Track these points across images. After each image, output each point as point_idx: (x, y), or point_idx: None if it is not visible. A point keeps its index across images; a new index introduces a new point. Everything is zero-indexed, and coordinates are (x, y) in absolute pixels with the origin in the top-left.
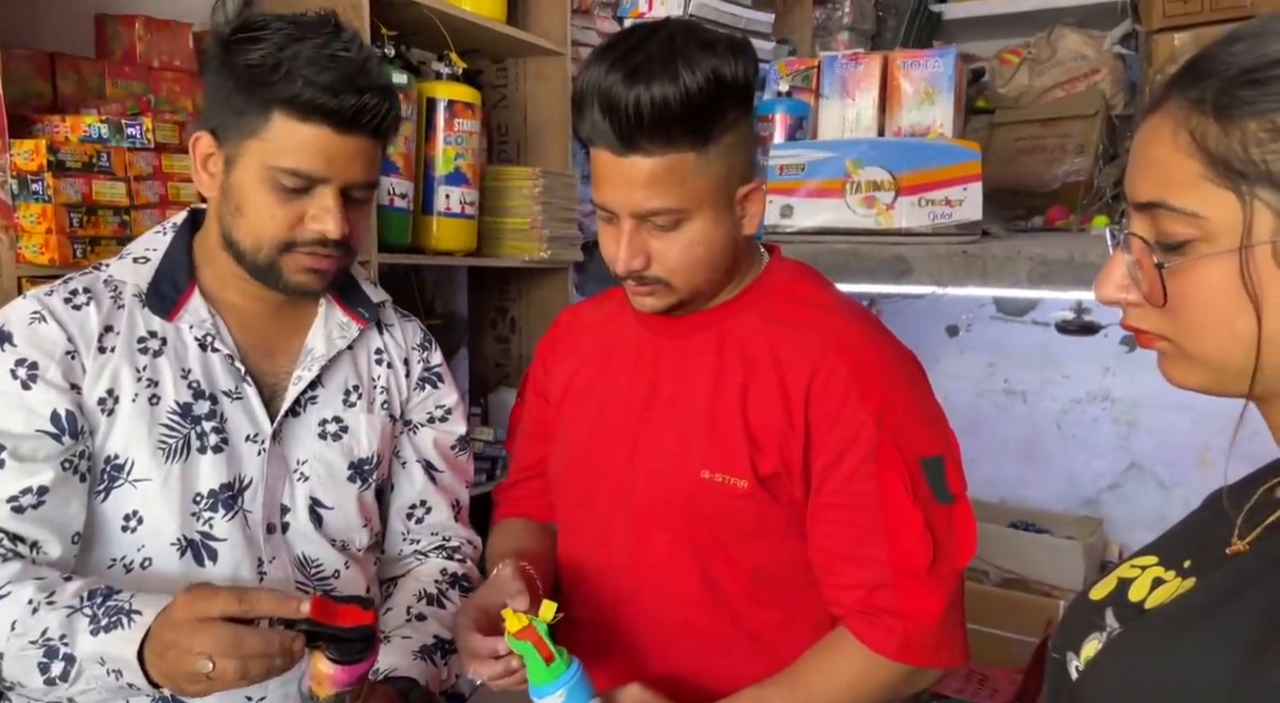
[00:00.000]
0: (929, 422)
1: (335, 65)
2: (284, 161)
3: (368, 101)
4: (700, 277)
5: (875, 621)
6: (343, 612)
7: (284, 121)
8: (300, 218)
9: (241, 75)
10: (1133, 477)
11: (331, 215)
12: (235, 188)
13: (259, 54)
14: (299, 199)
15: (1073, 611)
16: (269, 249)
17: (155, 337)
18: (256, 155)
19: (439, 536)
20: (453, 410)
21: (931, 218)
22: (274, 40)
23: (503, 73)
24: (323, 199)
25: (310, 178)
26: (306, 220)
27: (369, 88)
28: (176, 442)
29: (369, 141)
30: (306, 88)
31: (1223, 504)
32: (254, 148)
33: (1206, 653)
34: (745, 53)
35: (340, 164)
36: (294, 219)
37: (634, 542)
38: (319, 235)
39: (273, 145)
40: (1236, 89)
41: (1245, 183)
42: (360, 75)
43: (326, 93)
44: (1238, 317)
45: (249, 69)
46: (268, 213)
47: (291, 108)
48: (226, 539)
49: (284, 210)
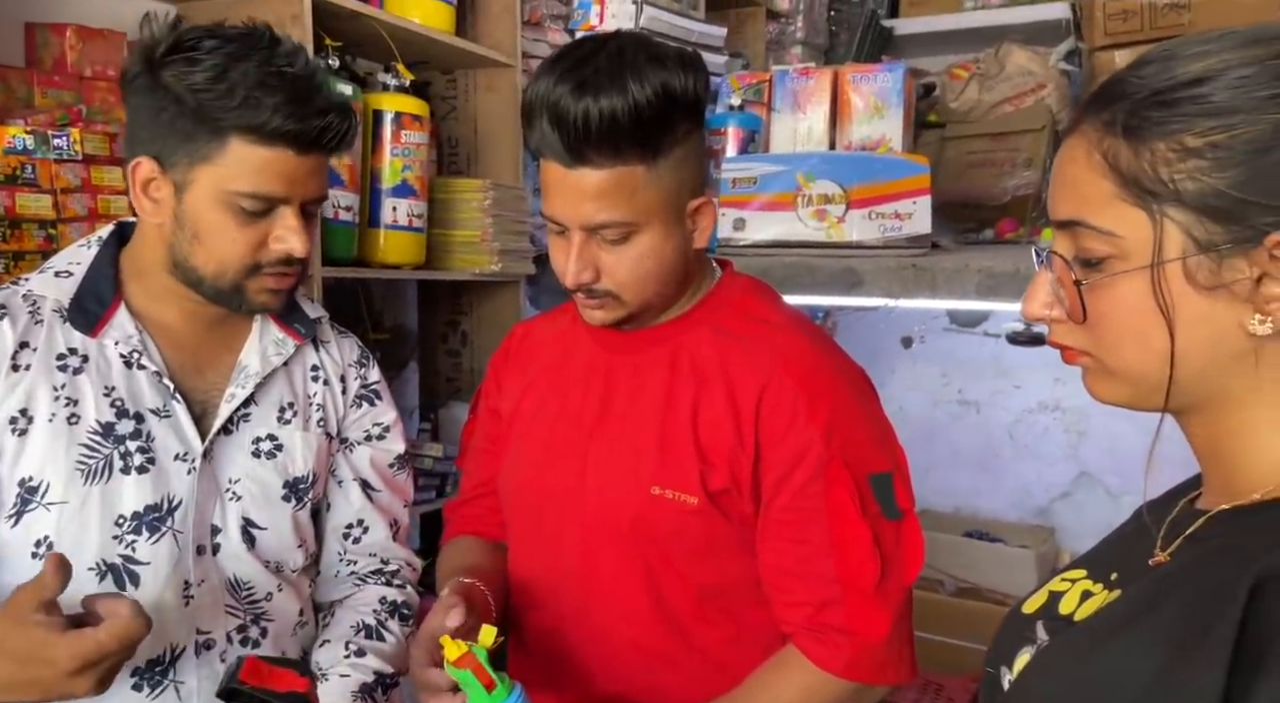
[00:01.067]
0: (877, 438)
1: (286, 84)
2: (243, 186)
3: (331, 121)
4: (650, 290)
5: (823, 638)
6: (277, 675)
7: (242, 146)
8: (263, 239)
9: (186, 99)
10: (1083, 485)
11: (296, 233)
12: (190, 215)
13: (202, 77)
14: (260, 221)
15: (1006, 624)
16: (234, 273)
17: (76, 354)
18: (212, 181)
19: (377, 556)
20: (390, 428)
21: (882, 231)
22: (214, 61)
23: (452, 84)
24: (285, 219)
25: (271, 199)
26: (270, 241)
27: (329, 107)
28: (97, 462)
29: (325, 159)
30: (268, 113)
31: (1145, 520)
32: (208, 173)
33: (1127, 661)
34: (695, 66)
35: (300, 183)
36: (257, 241)
37: (584, 559)
38: (285, 255)
39: (229, 170)
40: (1146, 111)
41: (1156, 202)
42: (316, 93)
43: (291, 118)
44: (1152, 332)
45: (195, 93)
46: (229, 238)
47: (252, 133)
48: (150, 563)
49: (245, 234)
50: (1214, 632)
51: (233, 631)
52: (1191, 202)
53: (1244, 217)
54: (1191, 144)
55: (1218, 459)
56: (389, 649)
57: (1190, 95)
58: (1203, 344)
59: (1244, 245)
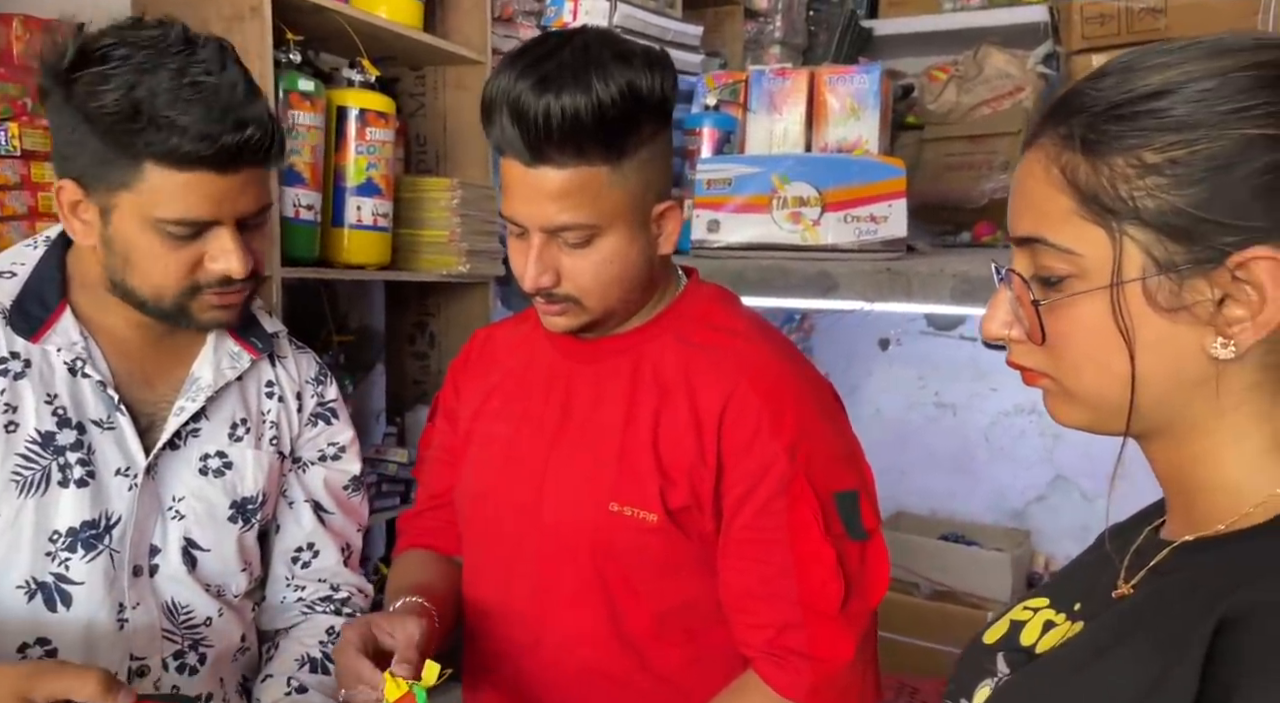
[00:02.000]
0: (844, 455)
1: (201, 98)
2: (166, 213)
3: (251, 136)
4: (613, 296)
5: (784, 664)
6: None
7: (158, 172)
8: (198, 260)
9: (97, 121)
10: (1058, 489)
11: (232, 255)
12: (118, 240)
13: (111, 97)
14: (192, 243)
15: (966, 655)
16: (173, 297)
17: (17, 358)
18: (133, 208)
19: (326, 582)
20: (346, 449)
21: (857, 234)
22: (122, 77)
23: (421, 81)
24: (219, 240)
25: (198, 223)
26: (206, 262)
27: (248, 121)
28: (34, 474)
29: (257, 171)
30: (178, 137)
31: (1108, 551)
32: (129, 200)
33: (1089, 700)
34: (663, 65)
35: (228, 202)
36: (191, 263)
37: (539, 577)
38: (222, 276)
39: (149, 197)
40: (1104, 125)
41: (1115, 219)
42: (235, 107)
43: (204, 141)
44: (1112, 355)
45: (104, 116)
46: (160, 263)
47: (165, 160)
48: (84, 582)
49: (178, 257)
50: (1178, 672)
51: (169, 657)
52: (1151, 220)
53: (1205, 236)
54: (1151, 160)
55: (1181, 487)
56: (334, 683)
57: (1149, 109)
58: (1164, 368)
59: (1205, 266)
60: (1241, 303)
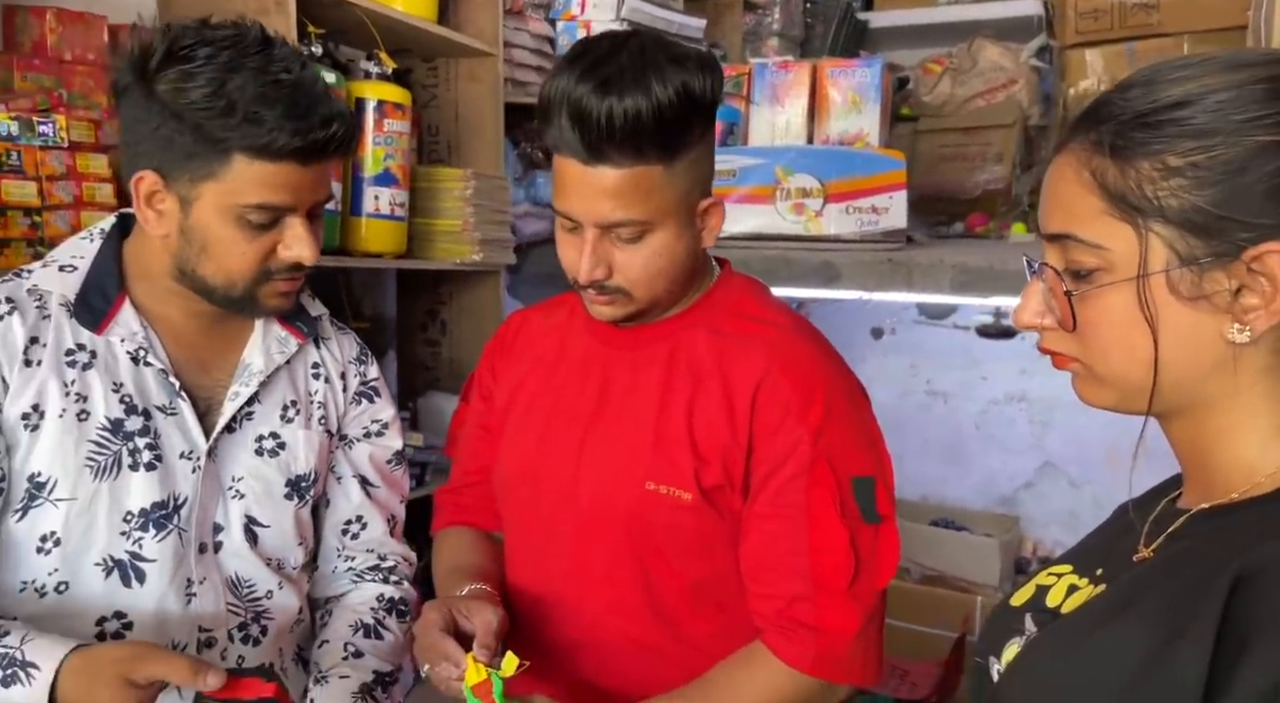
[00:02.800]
0: (865, 443)
1: (285, 96)
2: (250, 199)
3: (335, 131)
4: (660, 288)
5: (790, 635)
6: (243, 685)
7: (247, 163)
8: (272, 248)
9: (186, 117)
10: (1046, 475)
11: (304, 242)
12: (197, 229)
13: (199, 94)
14: (268, 231)
15: (995, 617)
16: (245, 283)
17: (84, 350)
18: (217, 196)
19: (374, 552)
20: (389, 425)
21: (859, 225)
22: (209, 74)
23: (433, 72)
24: (293, 228)
25: (278, 210)
26: (279, 250)
27: (332, 116)
28: (106, 459)
29: (330, 164)
30: (272, 132)
31: (1130, 516)
32: (213, 189)
33: (1112, 650)
34: (714, 68)
35: (306, 191)
36: (266, 251)
37: (577, 552)
38: (294, 262)
39: (234, 185)
40: (1131, 132)
41: (1141, 217)
42: (320, 103)
43: (296, 135)
44: (1137, 340)
45: (195, 110)
46: (238, 251)
47: (256, 152)
48: (156, 560)
49: (254, 246)
50: (1197, 622)
51: (234, 628)
52: (1174, 218)
53: (1222, 232)
54: (1174, 164)
55: (1198, 461)
56: (387, 647)
57: (1172, 118)
58: (1185, 352)
59: (1223, 259)
60: (1256, 292)
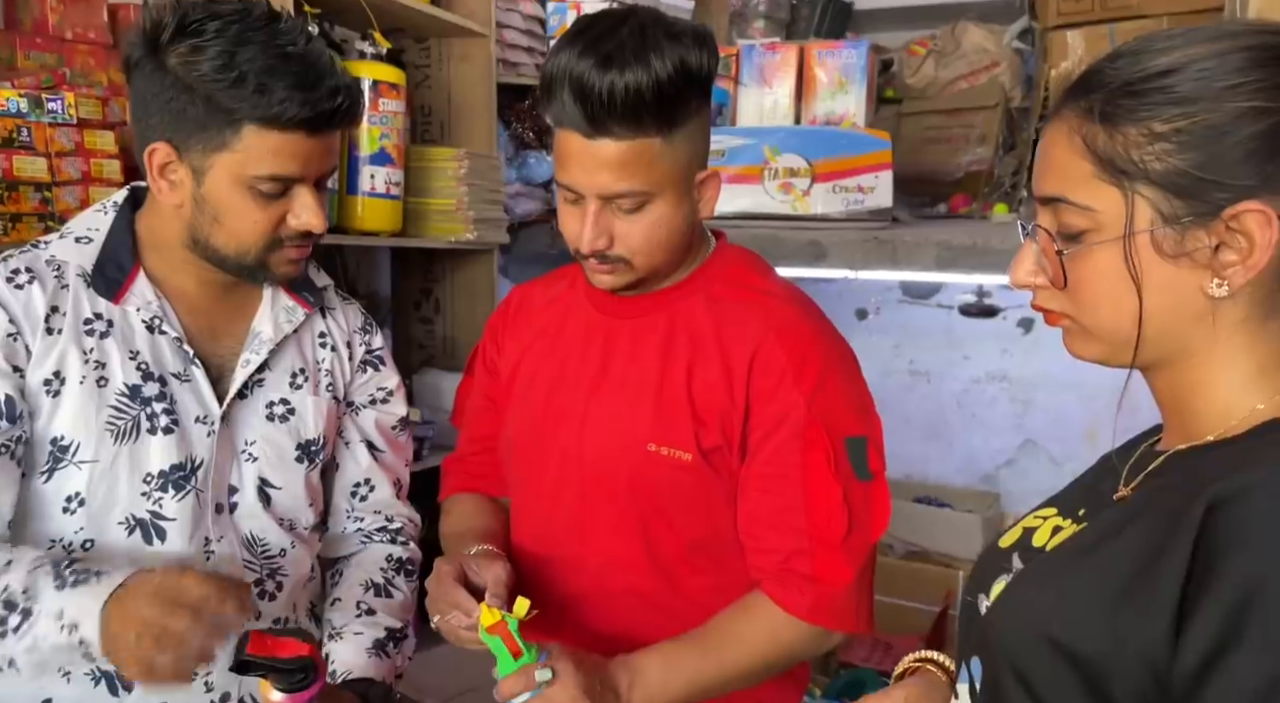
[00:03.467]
0: (856, 405)
1: (294, 68)
2: (261, 170)
3: (342, 103)
4: (659, 257)
5: (789, 584)
6: (282, 644)
7: (257, 133)
8: (282, 217)
9: (197, 89)
10: (1027, 453)
11: (313, 211)
12: (210, 199)
13: (210, 66)
14: (278, 200)
15: (984, 558)
16: (257, 252)
17: (101, 319)
18: (228, 166)
19: (382, 513)
20: (394, 392)
21: (845, 204)
22: (220, 47)
23: (426, 53)
24: (302, 197)
25: (288, 180)
26: (289, 219)
27: (340, 88)
28: (125, 423)
29: (337, 135)
30: (282, 102)
31: (1112, 462)
32: (225, 160)
33: (1093, 578)
34: (709, 43)
35: (315, 162)
36: (277, 220)
37: (581, 512)
38: (304, 230)
39: (245, 155)
40: (1119, 99)
41: (1128, 180)
42: (328, 75)
43: (305, 105)
44: (1124, 296)
45: (205, 83)
46: (250, 219)
47: (267, 122)
48: (175, 519)
49: (265, 214)
50: (1173, 546)
51: (250, 584)
52: (1159, 180)
53: (1203, 193)
54: (1159, 129)
55: (1178, 408)
56: (396, 605)
57: (1158, 86)
58: (1167, 306)
59: (1203, 218)
60: (1234, 249)
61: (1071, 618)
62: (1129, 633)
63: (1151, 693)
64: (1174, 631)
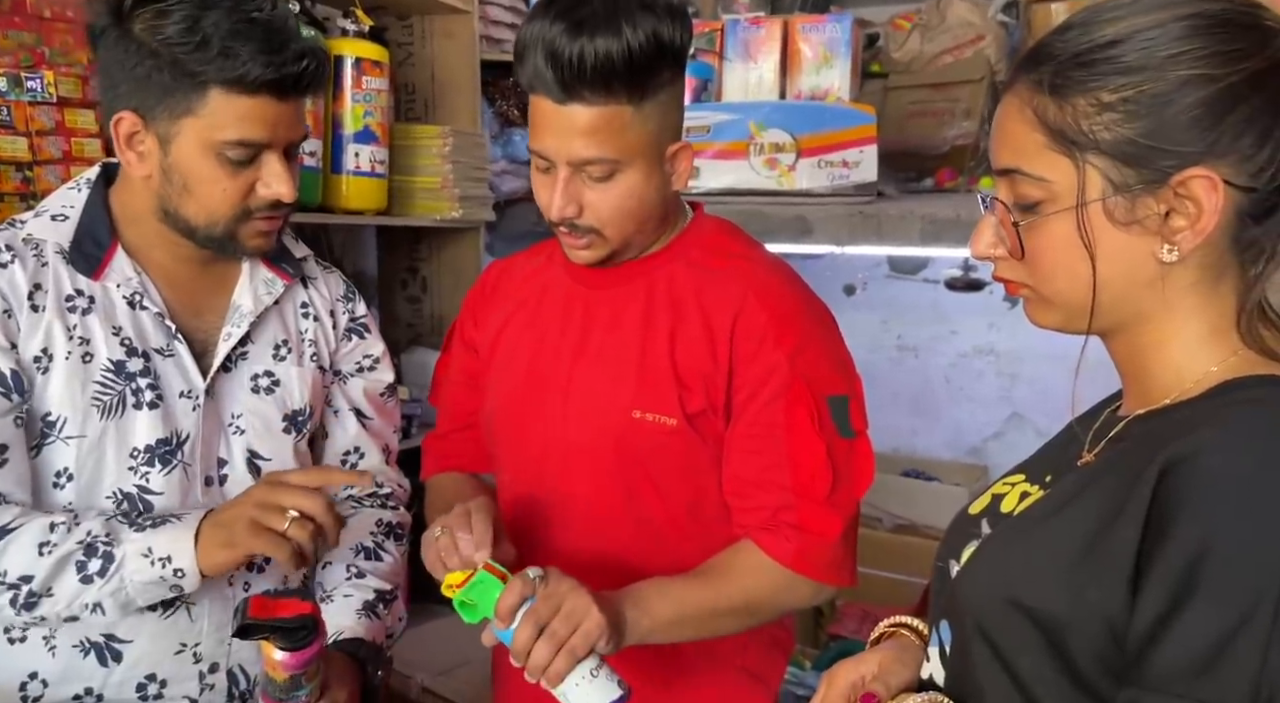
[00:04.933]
0: (837, 364)
1: (259, 31)
2: (228, 135)
3: (308, 66)
4: (630, 227)
5: (777, 532)
6: (282, 605)
7: (223, 97)
8: (251, 186)
9: (161, 53)
10: (1014, 426)
11: (282, 179)
12: (178, 167)
13: (174, 29)
14: (246, 168)
15: (954, 525)
16: (226, 222)
17: (82, 295)
18: (195, 132)
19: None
20: (380, 360)
21: (830, 179)
22: (184, 11)
23: (408, 30)
24: (270, 165)
25: (256, 145)
26: (258, 187)
27: (304, 52)
28: (111, 399)
29: (303, 100)
30: (247, 64)
31: (1075, 429)
32: (191, 126)
33: (1054, 540)
34: (682, 17)
35: (282, 128)
36: (246, 188)
37: (566, 479)
38: (273, 200)
39: (212, 120)
40: (1068, 71)
41: (1078, 150)
42: (292, 38)
43: (270, 67)
44: (1078, 264)
45: (170, 47)
46: (219, 187)
47: (233, 84)
48: (163, 493)
49: (234, 182)
50: (1130, 506)
51: None
52: (1108, 149)
53: (1151, 161)
54: (1106, 99)
55: (1135, 372)
56: (386, 568)
57: (1105, 57)
58: (1120, 272)
59: (1153, 186)
60: (1183, 215)
61: (1034, 579)
62: (1088, 593)
63: (1110, 652)
64: (1130, 591)
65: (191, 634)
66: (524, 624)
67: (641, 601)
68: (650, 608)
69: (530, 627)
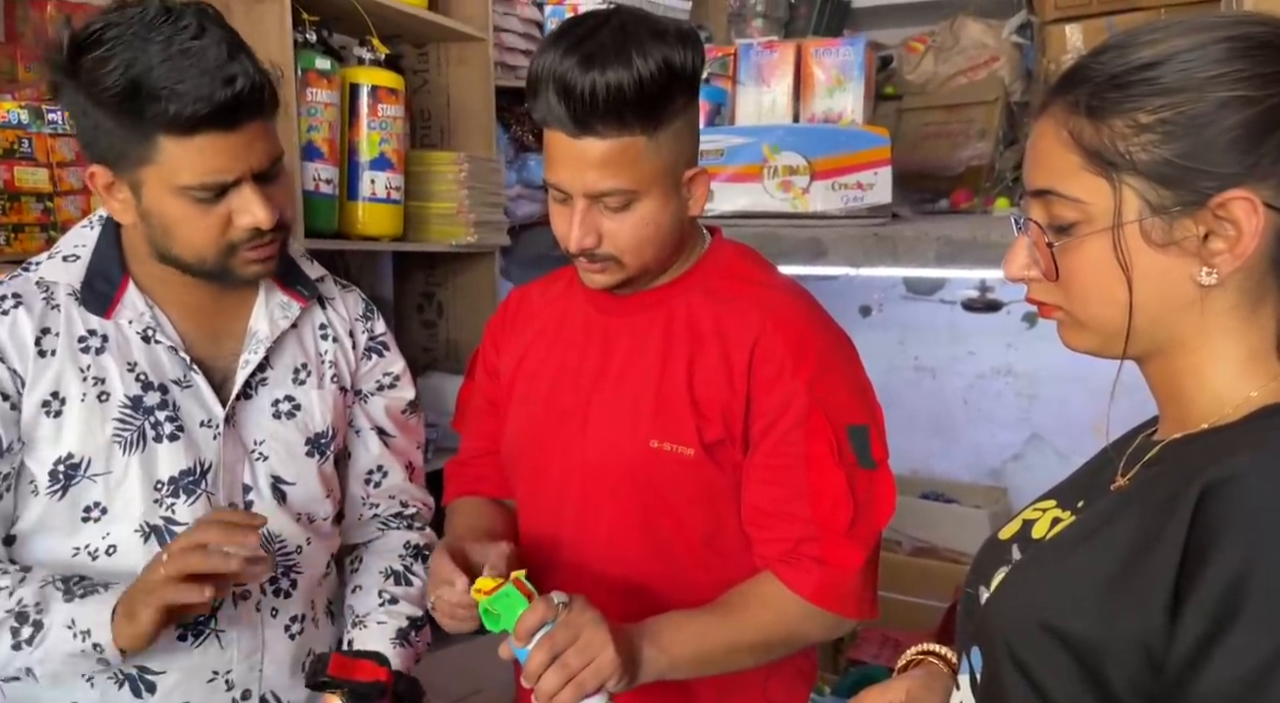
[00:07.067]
0: (857, 393)
1: (192, 63)
2: (187, 179)
3: (241, 89)
4: (648, 254)
5: (797, 565)
6: (360, 666)
7: (172, 142)
8: (228, 218)
9: (105, 104)
10: (1033, 447)
11: (256, 207)
12: (153, 213)
13: (111, 77)
14: (219, 202)
15: (984, 551)
16: (214, 257)
17: (95, 335)
18: (158, 179)
19: (396, 498)
20: (400, 377)
21: (844, 201)
22: (120, 56)
23: (424, 58)
24: (240, 196)
25: (219, 185)
26: (234, 219)
27: (237, 75)
28: (132, 434)
29: (259, 123)
30: (176, 104)
31: (1110, 454)
32: (154, 173)
33: (1088, 565)
34: (694, 42)
35: (241, 158)
36: (223, 223)
37: (585, 508)
38: (252, 229)
39: (170, 166)
40: (1105, 92)
41: (1115, 171)
42: (225, 64)
43: (201, 102)
44: (1115, 286)
45: (109, 97)
46: (196, 227)
47: (173, 128)
48: (188, 523)
49: (209, 219)
50: (1169, 529)
51: (265, 582)
52: (1145, 170)
53: (1190, 182)
54: (1144, 120)
55: (1172, 397)
56: (416, 593)
57: (1143, 78)
58: (1157, 295)
59: (1191, 207)
60: (1222, 237)
61: (1067, 604)
62: (1124, 618)
63: (1146, 678)
64: (1169, 616)
65: (222, 662)
66: (539, 648)
67: (659, 638)
68: (668, 646)
69: (545, 653)
